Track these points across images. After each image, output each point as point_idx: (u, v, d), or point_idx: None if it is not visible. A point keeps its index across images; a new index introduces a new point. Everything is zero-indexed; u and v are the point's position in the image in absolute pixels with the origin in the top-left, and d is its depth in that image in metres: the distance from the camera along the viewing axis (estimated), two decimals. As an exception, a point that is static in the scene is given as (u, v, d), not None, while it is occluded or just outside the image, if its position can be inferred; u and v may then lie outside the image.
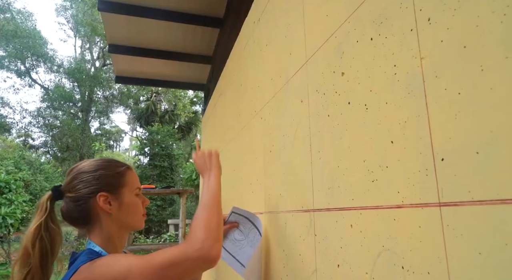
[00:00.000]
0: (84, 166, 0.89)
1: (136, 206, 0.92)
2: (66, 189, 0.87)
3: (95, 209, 0.85)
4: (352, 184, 0.67)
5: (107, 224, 0.86)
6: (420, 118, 0.50)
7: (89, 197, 0.85)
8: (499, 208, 0.38)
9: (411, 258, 0.50)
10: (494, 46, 0.39)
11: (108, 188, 0.87)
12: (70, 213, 0.86)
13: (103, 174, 0.88)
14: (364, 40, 0.66)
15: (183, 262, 0.72)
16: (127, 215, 0.89)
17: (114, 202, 0.87)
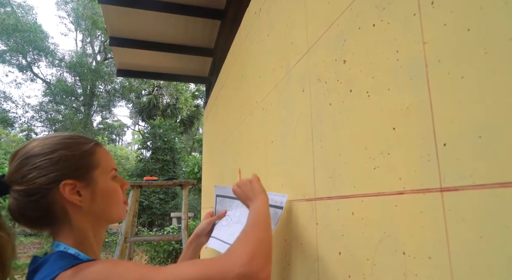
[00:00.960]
0: (35, 147, 0.66)
1: (114, 192, 0.72)
2: (13, 180, 0.64)
3: (59, 203, 0.65)
4: (353, 172, 0.67)
5: (78, 221, 0.66)
6: (423, 103, 0.50)
7: (48, 188, 0.63)
8: (500, 191, 0.37)
9: (412, 244, 0.50)
10: (498, 28, 0.39)
11: (74, 174, 0.66)
12: (22, 211, 0.65)
13: (64, 155, 0.66)
14: (366, 26, 0.65)
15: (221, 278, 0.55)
16: (105, 206, 0.70)
17: (84, 190, 0.67)
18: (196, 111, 17.97)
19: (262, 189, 0.89)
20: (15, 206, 0.65)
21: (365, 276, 0.61)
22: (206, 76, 3.86)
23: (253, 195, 0.87)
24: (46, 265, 0.58)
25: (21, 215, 0.66)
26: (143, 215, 11.69)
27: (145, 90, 19.06)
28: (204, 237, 1.10)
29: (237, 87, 1.78)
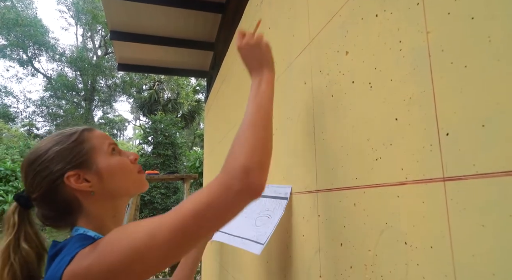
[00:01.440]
0: (31, 154, 0.69)
1: (121, 165, 0.72)
2: (29, 191, 0.68)
3: (71, 196, 0.67)
4: (355, 164, 0.67)
5: (93, 207, 0.68)
6: (425, 93, 0.50)
7: (55, 185, 0.66)
8: (504, 180, 0.37)
9: (414, 234, 0.50)
10: (503, 16, 0.39)
11: (73, 164, 0.67)
12: (46, 215, 0.69)
13: (57, 150, 0.68)
14: (369, 17, 0.64)
15: (223, 198, 0.56)
16: (116, 181, 0.70)
17: (90, 176, 0.68)
18: (197, 106, 17.96)
19: (271, 62, 0.79)
20: (40, 214, 0.70)
21: (367, 267, 0.61)
22: (207, 70, 3.84)
23: (260, 67, 0.77)
24: (66, 248, 0.60)
25: (46, 218, 0.70)
26: (145, 209, 11.75)
27: (146, 85, 19.04)
28: None
29: (239, 81, 1.77)
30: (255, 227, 1.06)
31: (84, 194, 0.68)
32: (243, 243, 1.08)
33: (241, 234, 1.12)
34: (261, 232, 1.00)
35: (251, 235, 1.05)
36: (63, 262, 0.55)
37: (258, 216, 1.10)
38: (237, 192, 0.57)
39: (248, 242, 1.04)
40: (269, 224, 1.01)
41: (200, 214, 0.55)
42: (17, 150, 11.44)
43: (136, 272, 0.53)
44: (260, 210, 1.11)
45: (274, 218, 1.02)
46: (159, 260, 0.54)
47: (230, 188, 0.57)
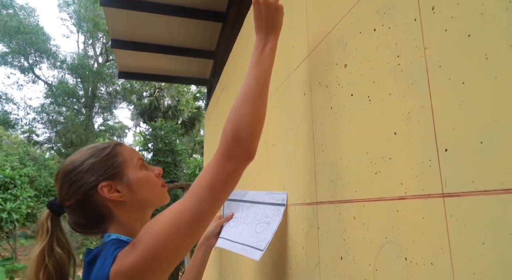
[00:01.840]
0: (67, 166, 0.75)
1: (148, 179, 0.79)
2: (62, 199, 0.74)
3: (103, 204, 0.73)
4: (355, 176, 0.67)
5: (124, 215, 0.74)
6: (424, 108, 0.50)
7: (89, 195, 0.72)
8: (503, 197, 0.37)
9: (414, 249, 0.50)
10: (499, 34, 0.39)
11: (106, 176, 0.73)
12: (78, 222, 0.75)
13: (92, 163, 0.74)
14: (367, 31, 0.65)
15: (227, 167, 0.65)
16: (143, 193, 0.77)
17: (121, 187, 0.74)
18: (197, 113, 17.99)
19: (281, 26, 0.82)
20: (72, 220, 0.75)
21: (367, 281, 0.60)
22: (207, 78, 3.86)
23: (268, 28, 0.79)
24: (103, 253, 0.65)
25: (78, 225, 0.75)
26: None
27: (146, 92, 19.10)
28: (213, 239, 1.15)
29: (238, 90, 1.78)
30: (255, 234, 1.07)
31: (115, 204, 0.74)
32: (243, 249, 1.08)
33: (242, 241, 1.12)
34: (261, 239, 1.01)
35: (251, 242, 1.05)
36: (106, 264, 0.61)
37: (259, 222, 1.11)
38: (237, 158, 0.66)
39: (248, 248, 1.05)
40: (268, 231, 1.01)
41: (212, 188, 0.64)
42: (17, 157, 11.43)
43: (172, 251, 0.61)
44: (261, 216, 1.12)
45: (273, 225, 1.02)
46: (188, 236, 0.62)
47: (231, 156, 0.66)
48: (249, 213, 1.12)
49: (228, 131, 0.69)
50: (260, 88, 0.73)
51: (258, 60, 0.76)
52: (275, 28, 0.81)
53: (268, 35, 0.79)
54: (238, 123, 0.69)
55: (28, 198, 6.99)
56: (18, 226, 6.63)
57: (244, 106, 0.71)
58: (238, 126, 0.68)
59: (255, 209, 1.15)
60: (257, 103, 0.72)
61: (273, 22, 0.80)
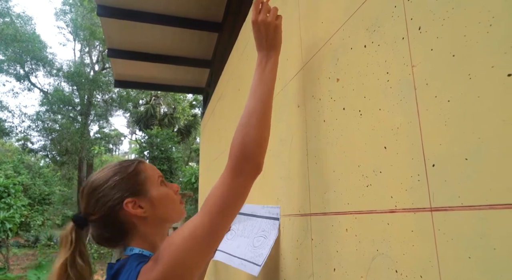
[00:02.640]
0: (94, 182, 0.79)
1: (168, 196, 0.82)
2: (88, 213, 0.77)
3: (127, 219, 0.76)
4: (347, 189, 0.68)
5: (146, 230, 0.78)
6: (412, 124, 0.51)
7: (115, 210, 0.75)
8: (487, 213, 0.39)
9: (404, 262, 0.51)
10: (481, 55, 0.41)
11: (130, 192, 0.77)
12: (102, 235, 0.78)
13: (117, 180, 0.78)
14: (358, 47, 0.67)
15: (237, 182, 0.69)
16: (165, 209, 0.80)
17: (144, 203, 0.77)
18: (193, 121, 18.00)
19: (279, 43, 0.85)
20: (96, 233, 0.78)
21: (359, 293, 0.61)
22: (203, 87, 3.88)
23: (269, 46, 0.83)
24: (126, 267, 0.68)
25: (101, 238, 0.78)
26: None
27: (142, 100, 19.10)
28: None
29: (234, 100, 1.79)
30: (253, 248, 1.08)
31: (139, 219, 0.77)
32: (242, 264, 1.09)
33: (240, 255, 1.13)
34: (258, 253, 1.02)
35: (249, 256, 1.06)
36: (130, 278, 0.64)
37: (256, 236, 1.12)
38: (246, 174, 0.70)
39: (247, 263, 1.06)
40: (265, 245, 1.02)
41: (223, 204, 0.67)
42: (11, 165, 11.32)
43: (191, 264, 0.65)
44: (257, 230, 1.13)
45: (269, 239, 1.03)
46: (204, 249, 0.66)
47: (240, 173, 0.69)
48: (246, 226, 1.13)
49: (236, 149, 0.72)
50: (264, 105, 0.76)
51: (261, 78, 0.80)
52: (275, 45, 0.84)
53: (269, 52, 0.83)
54: (245, 140, 0.72)
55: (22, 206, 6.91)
56: (11, 236, 6.53)
57: (250, 123, 0.73)
58: (245, 143, 0.71)
59: (252, 222, 1.16)
60: (262, 120, 0.74)
61: (273, 40, 0.83)
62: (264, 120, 0.75)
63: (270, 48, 0.83)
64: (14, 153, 17.91)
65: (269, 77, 0.80)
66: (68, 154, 16.05)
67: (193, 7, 2.60)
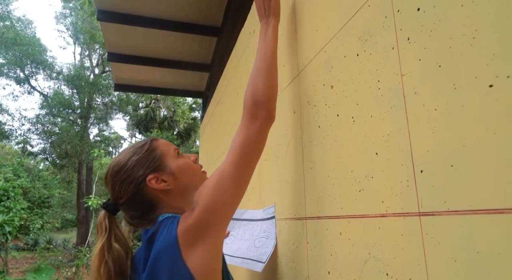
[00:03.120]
0: (115, 167, 0.83)
1: (187, 165, 0.87)
2: (117, 198, 0.81)
3: (153, 195, 0.80)
4: (340, 193, 0.70)
5: (173, 201, 0.82)
6: (402, 131, 0.53)
7: (139, 188, 0.79)
8: (471, 218, 0.40)
9: (394, 265, 0.53)
10: (465, 66, 0.42)
11: (151, 169, 0.81)
12: (134, 216, 0.82)
13: (135, 160, 0.81)
14: (351, 55, 0.69)
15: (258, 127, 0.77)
16: (187, 178, 0.84)
17: (166, 176, 0.81)
18: (193, 124, 18.01)
19: (276, 10, 0.95)
20: (128, 216, 0.82)
21: (352, 296, 0.63)
22: (203, 90, 3.90)
23: (267, 14, 0.94)
24: (163, 225, 0.74)
25: (132, 218, 0.82)
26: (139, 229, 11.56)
27: (142, 103, 19.12)
28: None
29: (232, 105, 1.81)
30: (254, 248, 1.10)
31: (164, 192, 0.81)
32: (244, 262, 1.11)
33: (241, 255, 1.15)
34: (261, 252, 1.04)
35: (251, 255, 1.09)
36: (172, 228, 0.70)
37: (257, 238, 1.14)
38: (260, 118, 0.78)
39: (249, 261, 1.08)
40: (268, 245, 1.05)
41: (245, 146, 0.75)
42: (10, 168, 11.32)
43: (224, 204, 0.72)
44: (258, 232, 1.15)
45: (271, 239, 1.06)
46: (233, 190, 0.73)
47: (255, 118, 0.78)
48: (246, 230, 1.16)
49: (248, 99, 0.81)
50: (268, 63, 0.85)
51: (263, 41, 0.90)
52: (273, 13, 0.94)
53: (269, 19, 0.93)
54: (255, 90, 0.81)
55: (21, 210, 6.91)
56: (10, 239, 6.53)
57: (258, 77, 0.83)
58: (256, 92, 0.81)
59: (252, 226, 1.18)
60: (268, 73, 0.84)
61: (271, 9, 0.95)
62: (270, 74, 0.84)
63: (269, 15, 0.94)
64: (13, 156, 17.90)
65: (270, 39, 0.89)
66: (67, 157, 16.05)
67: (192, 11, 2.63)
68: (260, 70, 0.84)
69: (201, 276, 0.66)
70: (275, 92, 0.85)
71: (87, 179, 16.03)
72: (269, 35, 0.90)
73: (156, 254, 0.71)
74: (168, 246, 0.69)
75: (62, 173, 17.55)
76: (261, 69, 0.84)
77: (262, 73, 0.83)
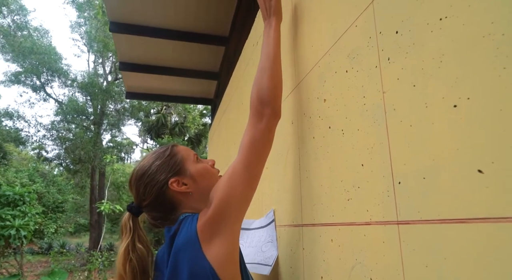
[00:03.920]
0: (138, 171, 0.88)
1: (206, 169, 0.91)
2: (140, 200, 0.86)
3: (174, 197, 0.85)
4: (332, 202, 0.73)
5: (192, 203, 0.86)
6: (383, 145, 0.57)
7: (162, 191, 0.84)
8: (439, 226, 0.44)
9: (377, 271, 0.56)
10: (434, 87, 0.46)
11: (173, 172, 0.86)
12: (157, 217, 0.87)
13: (158, 164, 0.87)
14: (341, 71, 0.73)
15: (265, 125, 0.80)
16: (205, 182, 0.88)
17: (186, 180, 0.86)
18: (203, 130, 18.17)
19: (278, 10, 0.99)
20: (151, 217, 0.87)
21: (342, 300, 0.66)
22: (211, 98, 3.98)
23: (269, 15, 0.99)
24: (184, 223, 0.79)
25: (155, 219, 0.87)
26: (150, 233, 11.69)
27: (153, 109, 19.41)
28: None
29: (237, 114, 1.86)
30: (261, 253, 1.15)
31: (184, 195, 0.86)
32: (253, 267, 1.16)
33: (250, 261, 1.20)
34: (268, 256, 1.09)
35: (258, 260, 1.13)
36: (193, 225, 0.76)
37: (264, 243, 1.18)
38: (267, 117, 0.81)
39: (257, 266, 1.13)
40: (272, 248, 1.09)
41: (253, 145, 0.79)
42: (26, 173, 11.63)
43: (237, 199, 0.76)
44: (265, 237, 1.20)
45: (274, 242, 1.10)
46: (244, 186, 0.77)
47: (261, 116, 0.81)
48: (254, 238, 1.20)
49: (254, 98, 0.85)
50: (271, 62, 0.89)
51: (267, 41, 0.94)
52: (276, 13, 0.99)
53: (271, 19, 0.98)
54: (260, 90, 0.84)
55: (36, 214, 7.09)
56: (25, 243, 6.69)
57: (262, 77, 0.86)
58: (261, 91, 0.84)
59: (259, 233, 1.23)
60: (272, 72, 0.87)
61: (273, 9, 0.99)
62: (274, 72, 0.87)
63: (271, 16, 0.98)
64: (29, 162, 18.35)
65: (273, 39, 0.93)
66: (81, 163, 16.37)
67: (200, 22, 2.71)
68: (264, 69, 0.88)
69: (220, 267, 0.71)
70: (280, 90, 0.88)
71: (100, 184, 16.29)
72: (271, 34, 0.94)
73: (178, 249, 0.76)
74: (189, 240, 0.74)
75: (76, 179, 17.89)
76: (265, 68, 0.88)
77: (266, 71, 0.87)
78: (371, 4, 0.62)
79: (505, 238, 0.35)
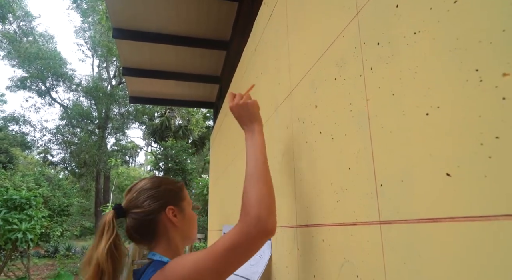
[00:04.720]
0: (147, 183, 0.91)
1: (194, 218, 0.96)
2: (132, 206, 0.88)
3: (163, 222, 0.87)
4: (323, 204, 0.77)
5: (173, 236, 0.88)
6: (367, 149, 0.60)
7: (158, 211, 0.87)
8: (415, 226, 0.47)
9: (363, 268, 0.59)
10: (410, 96, 0.50)
11: (173, 202, 0.90)
12: (138, 229, 0.87)
13: (167, 188, 0.91)
14: (330, 79, 0.76)
15: (244, 241, 0.71)
16: (189, 227, 0.92)
17: (179, 214, 0.90)
18: (207, 132, 18.23)
19: (258, 117, 0.94)
20: (132, 225, 0.87)
21: (332, 297, 0.69)
22: (213, 101, 4.03)
23: (250, 121, 0.93)
24: (145, 273, 0.79)
25: (136, 231, 0.87)
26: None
27: (157, 112, 19.53)
28: None
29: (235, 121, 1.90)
30: (249, 266, 1.17)
31: (171, 225, 0.88)
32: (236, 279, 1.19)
33: (236, 272, 1.22)
34: (254, 271, 1.12)
35: (245, 274, 1.16)
36: None
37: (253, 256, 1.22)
38: (254, 236, 0.72)
39: (241, 279, 1.15)
40: (260, 264, 1.12)
41: (229, 253, 0.71)
42: (32, 177, 11.75)
43: None
44: None
45: (264, 258, 1.13)
46: None
47: (248, 234, 0.72)
48: None
49: (243, 205, 0.77)
50: (259, 169, 0.82)
51: (251, 147, 0.88)
52: (255, 118, 0.94)
53: (252, 125, 0.93)
54: (248, 201, 0.76)
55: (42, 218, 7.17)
56: (32, 246, 6.77)
57: (250, 187, 0.79)
58: (249, 203, 0.75)
59: None
60: (260, 182, 0.79)
61: (250, 116, 0.94)
62: (262, 182, 0.79)
63: (251, 122, 0.93)
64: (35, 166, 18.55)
65: (259, 144, 0.88)
66: (86, 167, 16.51)
67: (202, 27, 2.76)
68: (251, 177, 0.81)
69: None
70: (271, 201, 0.78)
71: (105, 188, 16.41)
72: (256, 139, 0.89)
73: None
74: None
75: (81, 182, 18.04)
76: (252, 175, 0.81)
77: (254, 180, 0.80)
78: (356, 16, 0.66)
79: (470, 236, 0.39)
